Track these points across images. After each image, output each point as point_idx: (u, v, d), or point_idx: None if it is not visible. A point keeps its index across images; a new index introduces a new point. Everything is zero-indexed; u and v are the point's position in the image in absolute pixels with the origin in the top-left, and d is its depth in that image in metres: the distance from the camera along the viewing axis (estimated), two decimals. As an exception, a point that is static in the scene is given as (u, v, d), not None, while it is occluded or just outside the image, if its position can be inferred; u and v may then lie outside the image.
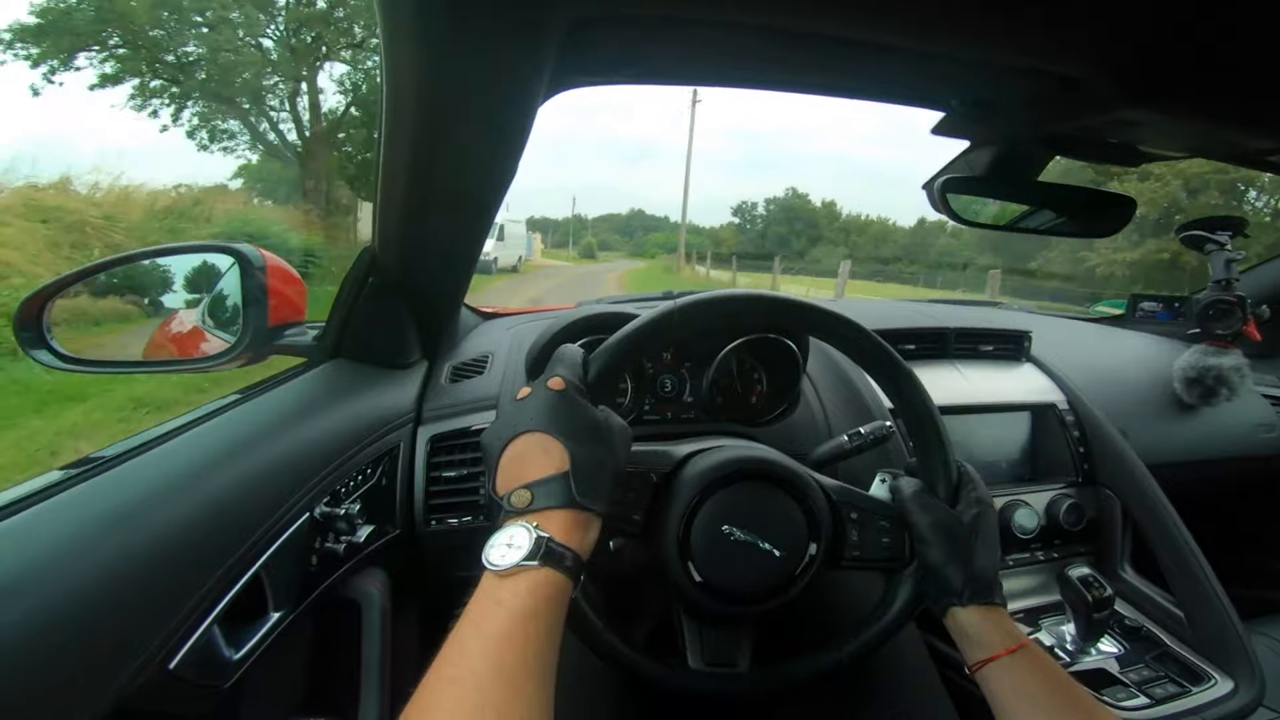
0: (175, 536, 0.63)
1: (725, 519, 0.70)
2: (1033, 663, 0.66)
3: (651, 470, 0.72)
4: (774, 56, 0.67)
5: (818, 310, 0.75)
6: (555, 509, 0.56)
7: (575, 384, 0.64)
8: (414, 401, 1.10)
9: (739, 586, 0.71)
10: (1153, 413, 1.52)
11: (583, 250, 57.54)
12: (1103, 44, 0.58)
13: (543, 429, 0.60)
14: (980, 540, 0.72)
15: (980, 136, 0.86)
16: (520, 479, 0.58)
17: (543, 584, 0.52)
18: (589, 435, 0.61)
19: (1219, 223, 1.49)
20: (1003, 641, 0.67)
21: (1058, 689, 0.64)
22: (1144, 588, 1.21)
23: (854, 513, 0.76)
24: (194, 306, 1.03)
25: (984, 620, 0.69)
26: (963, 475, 0.77)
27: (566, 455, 0.58)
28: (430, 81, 0.63)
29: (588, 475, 0.58)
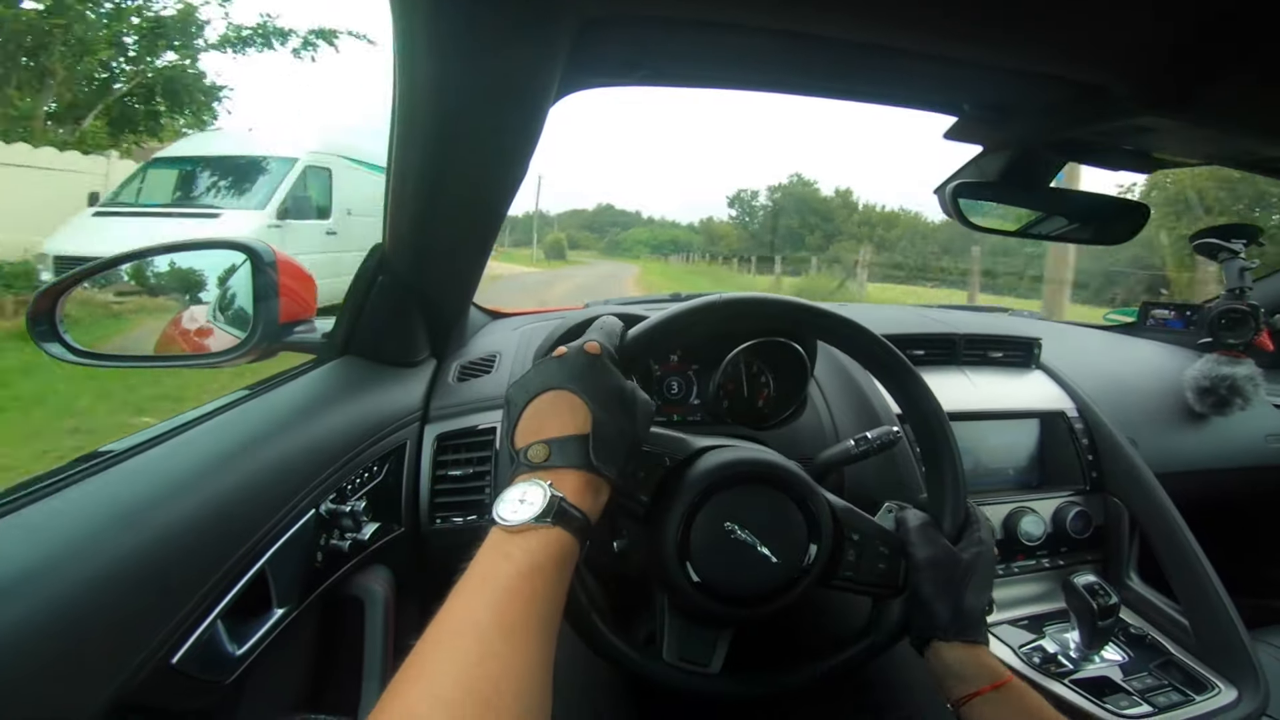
0: (181, 532, 0.63)
1: (728, 516, 0.70)
2: (1018, 699, 0.66)
3: (667, 455, 0.72)
4: (785, 59, 0.67)
5: (837, 317, 0.75)
6: (570, 469, 0.56)
7: (610, 352, 0.64)
8: (421, 400, 1.11)
9: (734, 587, 0.70)
10: (1162, 421, 1.51)
11: (550, 249, 48.89)
12: (1121, 51, 0.57)
13: (571, 388, 0.60)
14: (975, 579, 0.72)
15: (993, 141, 0.86)
16: (540, 434, 0.58)
17: (552, 542, 0.52)
18: (615, 402, 0.61)
19: (1233, 231, 1.47)
20: (988, 677, 0.67)
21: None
22: (1150, 596, 1.21)
23: (855, 534, 0.75)
24: (205, 302, 1.04)
25: (967, 656, 0.69)
26: (970, 516, 0.77)
27: (590, 416, 0.59)
28: (443, 82, 0.63)
29: (607, 440, 0.59)
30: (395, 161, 0.79)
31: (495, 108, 0.68)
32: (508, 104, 0.67)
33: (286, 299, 0.94)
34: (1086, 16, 0.53)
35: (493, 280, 15.35)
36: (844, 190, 67.58)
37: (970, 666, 0.69)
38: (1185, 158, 0.85)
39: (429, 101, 0.66)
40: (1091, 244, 1.02)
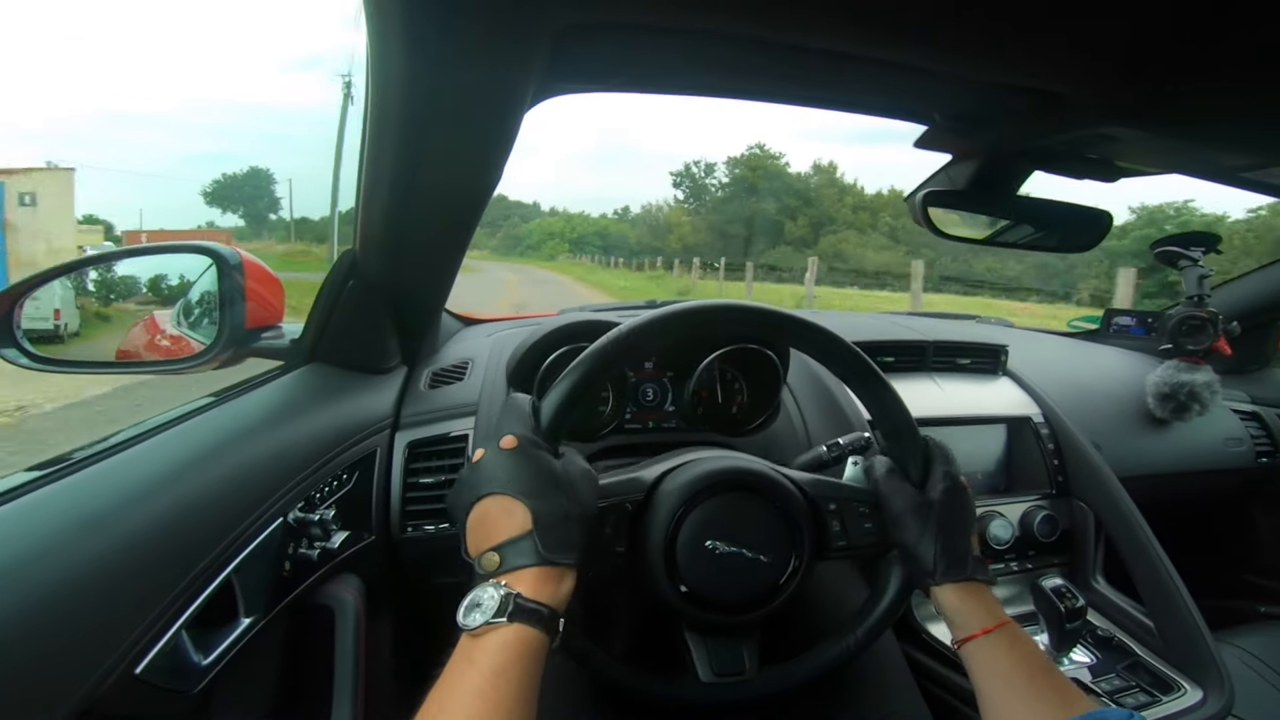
0: (145, 540, 0.62)
1: (707, 533, 0.70)
2: (1009, 644, 0.67)
3: (626, 500, 0.72)
4: (760, 67, 0.67)
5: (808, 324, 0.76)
6: (524, 568, 0.57)
7: (529, 437, 0.62)
8: (392, 407, 1.09)
9: (729, 597, 0.71)
10: (1125, 426, 1.54)
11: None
12: (1086, 61, 0.59)
13: (501, 490, 0.60)
14: (949, 517, 0.72)
15: (962, 150, 0.87)
16: (488, 541, 0.59)
17: (512, 641, 0.53)
18: (550, 489, 0.60)
19: (1193, 239, 1.51)
20: (980, 621, 0.68)
21: (1034, 671, 0.65)
22: (1116, 598, 1.23)
23: (831, 503, 0.76)
24: (169, 307, 1.01)
25: (960, 599, 0.70)
26: (931, 450, 0.77)
27: (529, 513, 0.58)
28: (417, 86, 0.63)
29: (553, 530, 0.58)
30: (367, 165, 0.78)
31: (469, 112, 0.67)
32: (482, 109, 0.67)
33: (254, 304, 0.92)
34: (1053, 27, 0.55)
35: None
36: (825, 164, 52.08)
37: (964, 611, 0.70)
38: (1148, 166, 0.87)
39: (402, 105, 0.66)
40: (1057, 251, 1.04)
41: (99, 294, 1.00)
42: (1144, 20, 0.53)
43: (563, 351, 1.11)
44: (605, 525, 0.69)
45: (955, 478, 0.75)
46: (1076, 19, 0.53)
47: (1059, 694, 0.64)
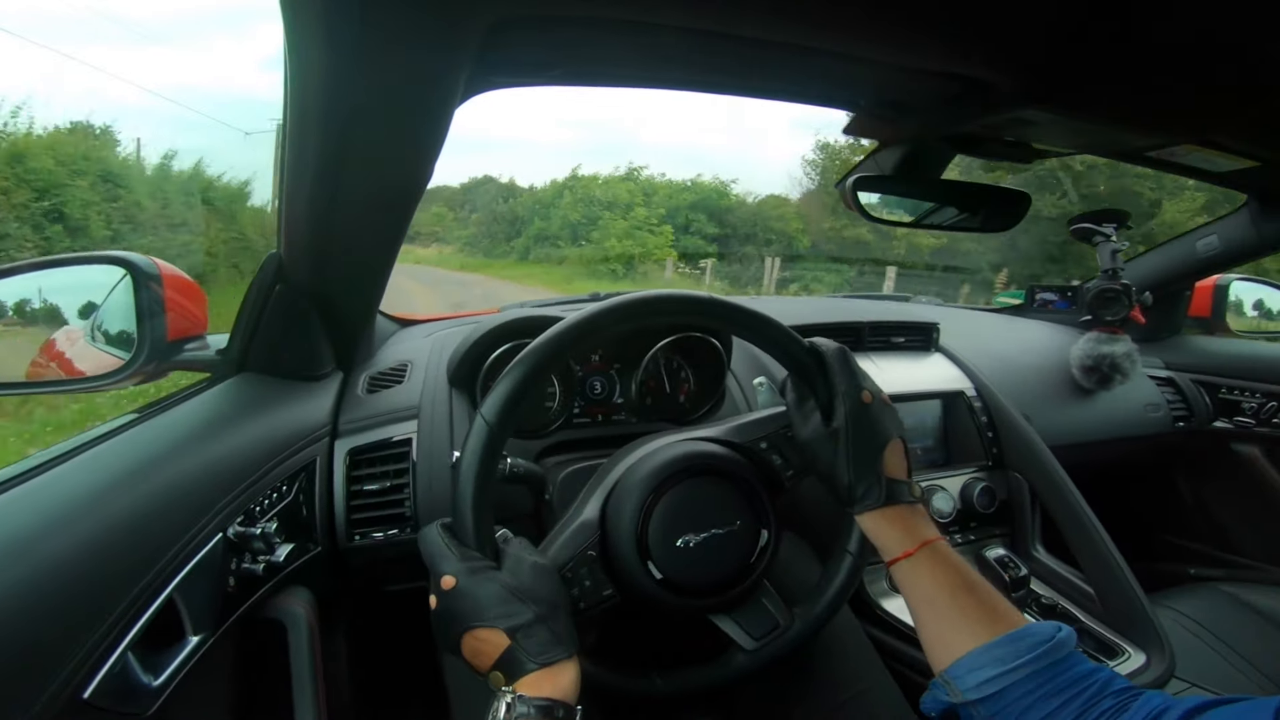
0: (76, 562, 0.59)
1: (675, 533, 0.72)
2: (930, 564, 0.68)
3: (585, 549, 0.72)
4: (693, 58, 0.67)
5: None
6: (524, 675, 0.59)
7: (461, 567, 0.63)
8: (329, 414, 1.06)
9: (720, 575, 0.74)
10: (1052, 397, 1.61)
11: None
12: (1001, 48, 0.61)
13: (466, 626, 0.61)
14: (857, 443, 0.72)
15: (888, 136, 0.89)
16: (485, 665, 0.61)
17: None
18: (507, 603, 0.61)
19: (1105, 216, 1.58)
20: (900, 545, 0.69)
21: (955, 590, 0.66)
22: (1056, 566, 1.27)
23: (761, 441, 0.78)
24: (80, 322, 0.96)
25: (880, 524, 0.70)
26: (827, 362, 0.75)
27: (502, 634, 0.60)
28: (337, 83, 0.60)
29: (531, 636, 0.60)
30: (289, 162, 0.75)
31: (395, 107, 0.65)
32: (408, 104, 0.65)
33: (174, 314, 0.88)
34: (973, 15, 0.56)
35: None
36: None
37: (884, 535, 0.70)
38: (1061, 147, 0.90)
39: (322, 97, 0.63)
40: (980, 231, 1.07)
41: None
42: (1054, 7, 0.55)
43: (505, 349, 1.10)
44: (582, 580, 0.70)
45: (856, 396, 0.73)
46: (996, 7, 0.55)
47: (984, 610, 0.64)
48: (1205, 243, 1.68)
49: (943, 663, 0.64)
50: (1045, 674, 0.58)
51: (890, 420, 0.75)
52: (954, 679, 0.62)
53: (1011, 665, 0.59)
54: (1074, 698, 0.57)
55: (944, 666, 0.63)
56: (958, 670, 0.62)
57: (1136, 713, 0.54)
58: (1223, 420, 1.78)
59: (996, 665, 0.59)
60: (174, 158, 10.70)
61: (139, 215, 8.82)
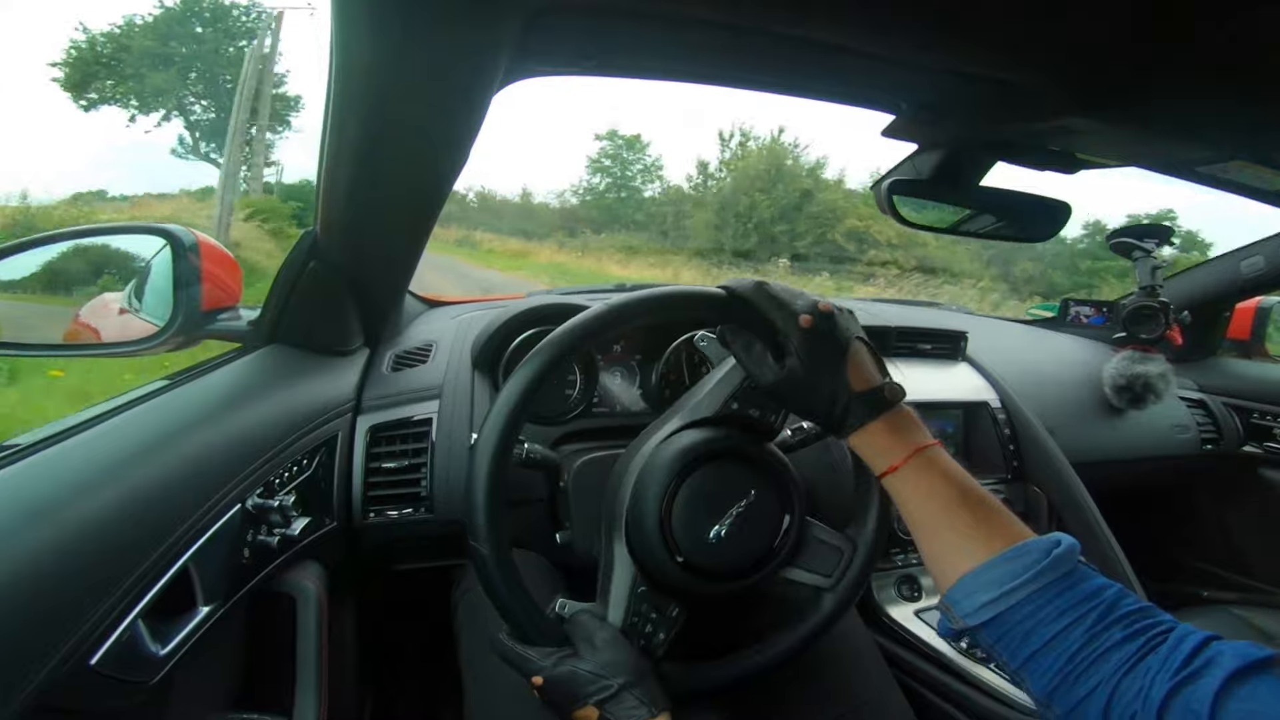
0: (96, 528, 0.60)
1: (699, 529, 0.71)
2: (916, 475, 0.64)
3: (635, 587, 0.72)
4: (732, 54, 0.67)
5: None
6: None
7: (537, 665, 0.67)
8: (354, 390, 1.08)
9: (756, 552, 0.74)
10: (1079, 413, 1.58)
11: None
12: (1048, 53, 0.60)
13: (568, 711, 0.65)
14: (814, 371, 0.68)
15: (928, 140, 0.88)
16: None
17: None
18: (588, 683, 0.64)
19: (1147, 230, 1.55)
20: (885, 460, 0.66)
21: (949, 501, 0.62)
22: None
23: (733, 403, 0.76)
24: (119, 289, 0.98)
25: (866, 441, 0.68)
26: (748, 301, 0.71)
27: (593, 707, 0.63)
28: (381, 65, 0.61)
29: (621, 702, 0.63)
30: (329, 144, 0.76)
31: (435, 92, 0.66)
32: (448, 89, 0.65)
33: (210, 285, 0.90)
34: (1019, 19, 0.55)
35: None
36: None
37: (869, 452, 0.68)
38: (1106, 158, 0.88)
39: (365, 82, 0.64)
40: (1017, 241, 1.06)
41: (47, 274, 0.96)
42: (1108, 15, 0.54)
43: (528, 334, 1.10)
44: (648, 617, 0.72)
45: (794, 323, 0.69)
46: (1042, 12, 0.54)
47: (980, 525, 0.60)
48: (1250, 263, 1.64)
49: (943, 585, 0.61)
50: (1047, 592, 0.54)
51: (842, 328, 0.70)
52: (953, 604, 0.59)
53: (1009, 586, 0.55)
54: (1082, 617, 0.53)
55: (945, 589, 0.60)
56: (956, 594, 0.59)
57: (1173, 651, 0.49)
58: (1252, 445, 1.74)
59: (993, 587, 0.56)
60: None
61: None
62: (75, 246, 0.94)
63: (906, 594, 1.21)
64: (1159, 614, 0.53)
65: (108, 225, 0.96)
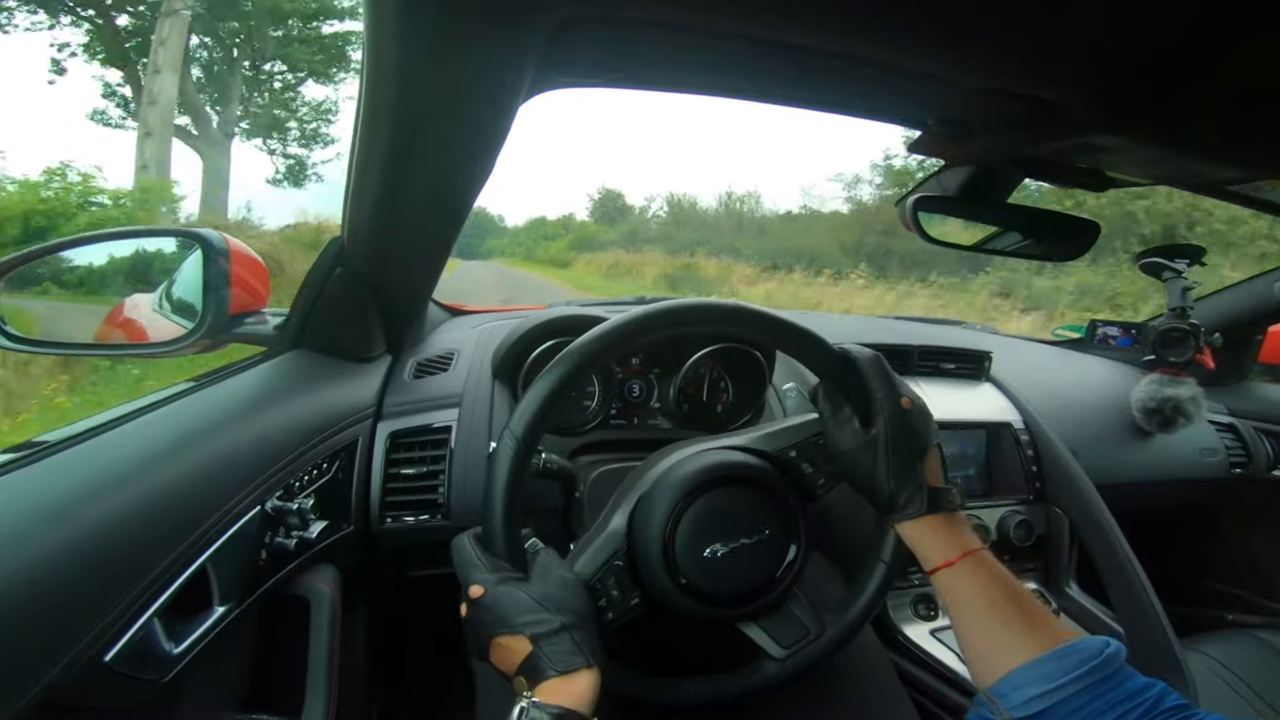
0: (117, 527, 0.61)
1: (703, 543, 0.71)
2: (972, 573, 0.66)
3: (612, 560, 0.72)
4: (758, 67, 0.67)
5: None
6: (544, 681, 0.60)
7: (490, 578, 0.65)
8: (375, 396, 1.09)
9: (748, 584, 0.73)
10: (1104, 435, 1.56)
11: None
12: (1077, 69, 0.59)
13: (494, 634, 0.63)
14: (895, 451, 0.71)
15: (954, 156, 0.87)
16: (510, 672, 0.63)
17: None
18: (532, 612, 0.63)
19: (1177, 250, 1.53)
20: (941, 554, 0.68)
21: (1000, 599, 0.64)
22: (1088, 604, 1.24)
23: (791, 450, 0.77)
24: (150, 291, 1.00)
25: (920, 533, 0.70)
26: (863, 370, 0.74)
27: (525, 640, 0.62)
28: (411, 75, 0.62)
29: (554, 644, 0.61)
30: (358, 153, 0.77)
31: (463, 103, 0.66)
32: (475, 100, 0.66)
33: (238, 289, 0.91)
34: (1048, 35, 0.55)
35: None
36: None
37: (925, 543, 0.69)
38: (1136, 177, 0.87)
39: (395, 92, 0.65)
40: (1044, 260, 1.04)
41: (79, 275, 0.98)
42: (1137, 31, 0.53)
43: (548, 345, 1.11)
44: (610, 589, 0.71)
45: (896, 402, 0.73)
46: (1071, 28, 0.54)
47: (1030, 623, 0.62)
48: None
49: (987, 678, 0.62)
50: (1095, 690, 0.57)
51: (929, 427, 0.75)
52: (999, 696, 0.60)
53: (1060, 682, 0.57)
54: (1126, 714, 0.55)
55: (989, 682, 0.62)
56: (1003, 687, 0.60)
57: None
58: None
59: (1044, 682, 0.58)
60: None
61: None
62: (110, 248, 0.96)
63: (923, 613, 1.20)
64: (1199, 711, 0.55)
65: (142, 228, 0.98)
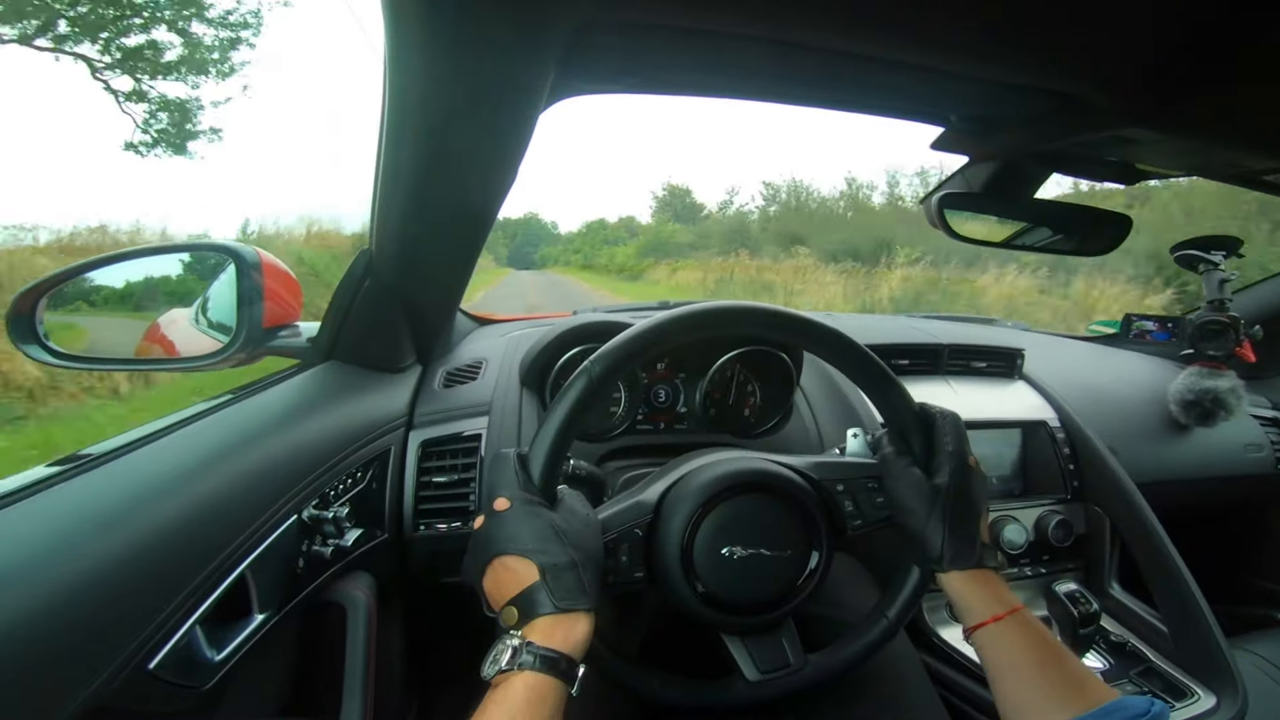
0: (160, 537, 0.63)
1: (723, 540, 0.71)
2: (1020, 631, 0.66)
3: (633, 526, 0.72)
4: (777, 69, 0.67)
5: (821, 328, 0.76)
6: (538, 618, 0.59)
7: (519, 494, 0.64)
8: (406, 406, 1.10)
9: (753, 597, 0.72)
10: (1143, 431, 1.53)
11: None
12: (1101, 62, 0.58)
13: (503, 550, 0.62)
14: (958, 503, 0.71)
15: (979, 152, 0.87)
16: (503, 598, 0.61)
17: (523, 689, 0.55)
18: (550, 541, 0.62)
19: (1213, 242, 1.49)
20: (988, 609, 0.67)
21: (1046, 658, 0.64)
22: (1131, 604, 1.22)
23: (839, 484, 0.76)
24: (187, 305, 1.03)
25: (969, 586, 0.69)
26: (934, 422, 0.76)
27: (534, 566, 0.60)
28: (433, 86, 0.63)
29: (560, 579, 0.60)
30: (383, 165, 0.78)
31: (485, 111, 0.67)
32: (497, 108, 0.67)
33: (271, 303, 0.93)
34: (1071, 29, 0.54)
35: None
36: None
37: (972, 598, 0.69)
38: (1168, 169, 0.86)
39: (418, 104, 0.66)
40: (1075, 255, 1.03)
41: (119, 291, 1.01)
42: (1164, 22, 0.52)
43: (575, 352, 1.12)
44: (620, 555, 0.70)
45: (963, 458, 0.73)
46: (1095, 21, 0.53)
47: (1073, 682, 0.62)
48: (1326, 275, 1.56)
49: None
50: None
51: (986, 487, 0.76)
52: None
53: None
54: None
55: None
56: None
57: None
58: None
59: None
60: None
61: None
62: (146, 264, 0.99)
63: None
64: None
65: (178, 244, 1.00)
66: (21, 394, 4.67)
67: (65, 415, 4.62)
